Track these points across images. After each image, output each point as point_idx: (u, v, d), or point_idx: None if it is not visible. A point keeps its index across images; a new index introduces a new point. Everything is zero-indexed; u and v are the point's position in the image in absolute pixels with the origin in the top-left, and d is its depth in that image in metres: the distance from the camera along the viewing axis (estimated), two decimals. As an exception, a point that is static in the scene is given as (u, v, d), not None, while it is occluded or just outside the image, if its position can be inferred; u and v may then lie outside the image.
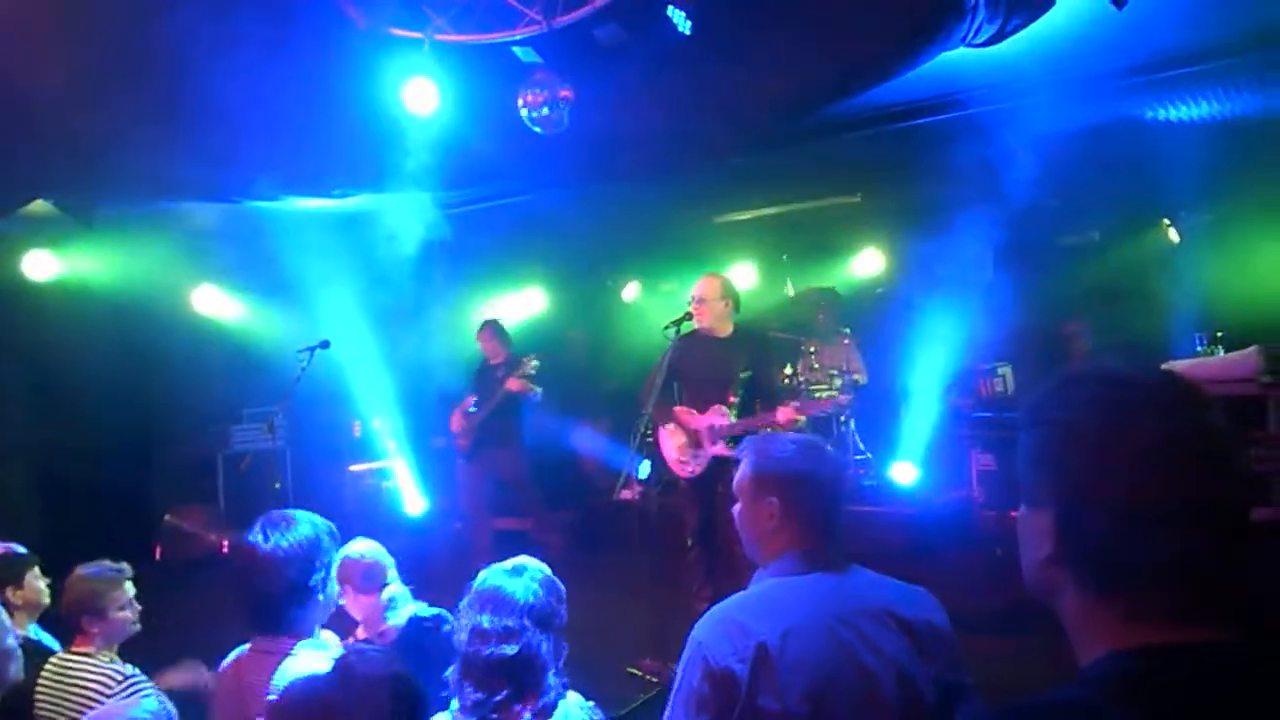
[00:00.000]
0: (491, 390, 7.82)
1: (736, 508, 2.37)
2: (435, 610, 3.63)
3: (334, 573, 2.67)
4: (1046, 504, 1.16)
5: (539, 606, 2.46)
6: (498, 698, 2.35)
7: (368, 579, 3.58)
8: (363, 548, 3.67)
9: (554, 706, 2.41)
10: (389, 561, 3.71)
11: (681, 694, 2.09)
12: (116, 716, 1.99)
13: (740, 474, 2.37)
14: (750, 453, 2.37)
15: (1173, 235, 8.54)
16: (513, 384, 7.61)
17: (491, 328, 8.26)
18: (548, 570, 2.63)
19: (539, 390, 7.76)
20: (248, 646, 2.59)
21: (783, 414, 5.36)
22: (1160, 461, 1.08)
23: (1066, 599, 1.16)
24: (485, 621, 2.41)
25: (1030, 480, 1.20)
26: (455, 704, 2.44)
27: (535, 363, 7.69)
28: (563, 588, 2.62)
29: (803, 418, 5.40)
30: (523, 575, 2.53)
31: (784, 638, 2.01)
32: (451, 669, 2.47)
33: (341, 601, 3.40)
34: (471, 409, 7.91)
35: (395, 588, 3.66)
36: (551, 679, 2.43)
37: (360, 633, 3.59)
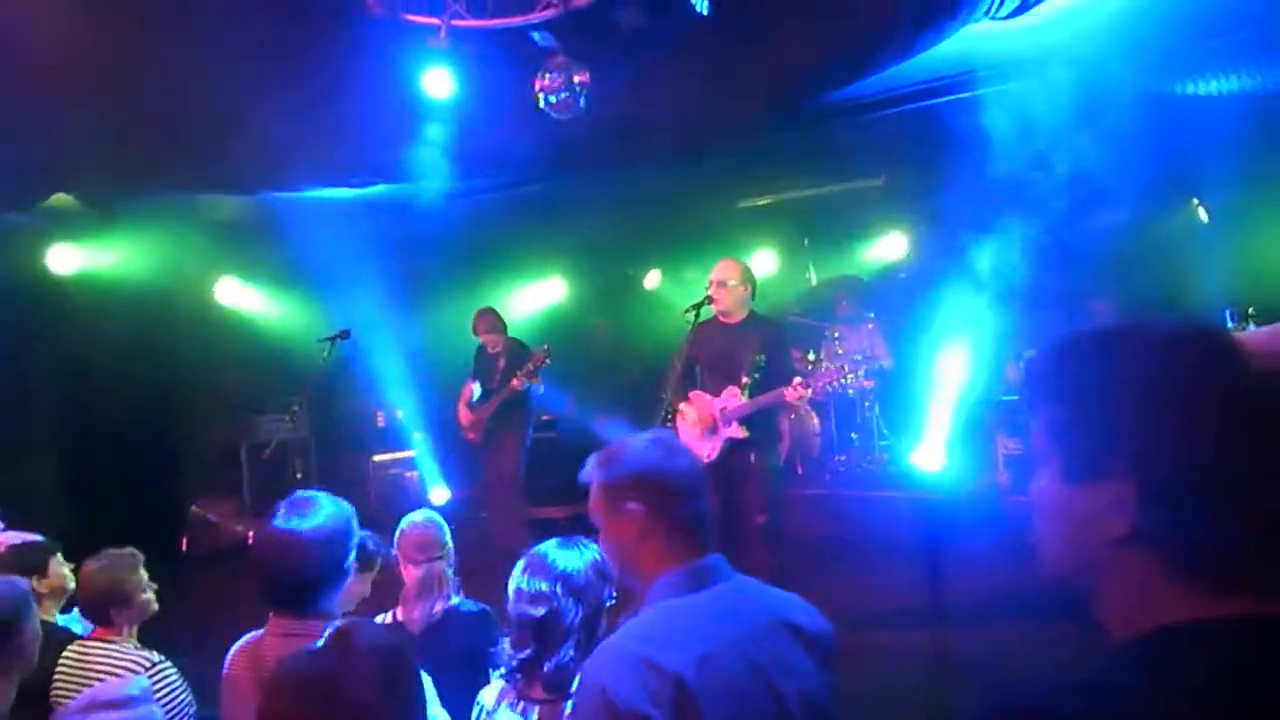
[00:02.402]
0: (492, 380, 7.78)
1: (601, 537, 2.11)
2: (477, 606, 3.52)
3: (353, 557, 2.64)
4: (1119, 475, 1.03)
5: (576, 577, 2.51)
6: (521, 655, 2.47)
7: (420, 550, 3.50)
8: (420, 517, 3.60)
9: (570, 675, 2.42)
10: (445, 538, 3.59)
11: None
12: (110, 694, 2.01)
13: (592, 493, 2.09)
14: (595, 467, 2.09)
15: (1202, 214, 8.39)
16: (516, 383, 7.54)
17: (488, 316, 8.00)
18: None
19: (540, 383, 7.71)
20: (262, 631, 2.56)
21: (790, 392, 5.30)
22: (1256, 419, 1.00)
23: (1121, 581, 1.06)
24: (524, 583, 2.53)
25: (1087, 449, 1.07)
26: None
27: (546, 360, 7.57)
28: (615, 573, 2.61)
29: (808, 392, 5.32)
30: (573, 548, 2.59)
31: (700, 667, 1.74)
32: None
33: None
34: (474, 400, 7.87)
35: (439, 569, 3.52)
36: (572, 649, 2.45)
37: (398, 612, 3.50)
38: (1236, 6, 5.26)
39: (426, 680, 2.56)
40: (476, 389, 7.96)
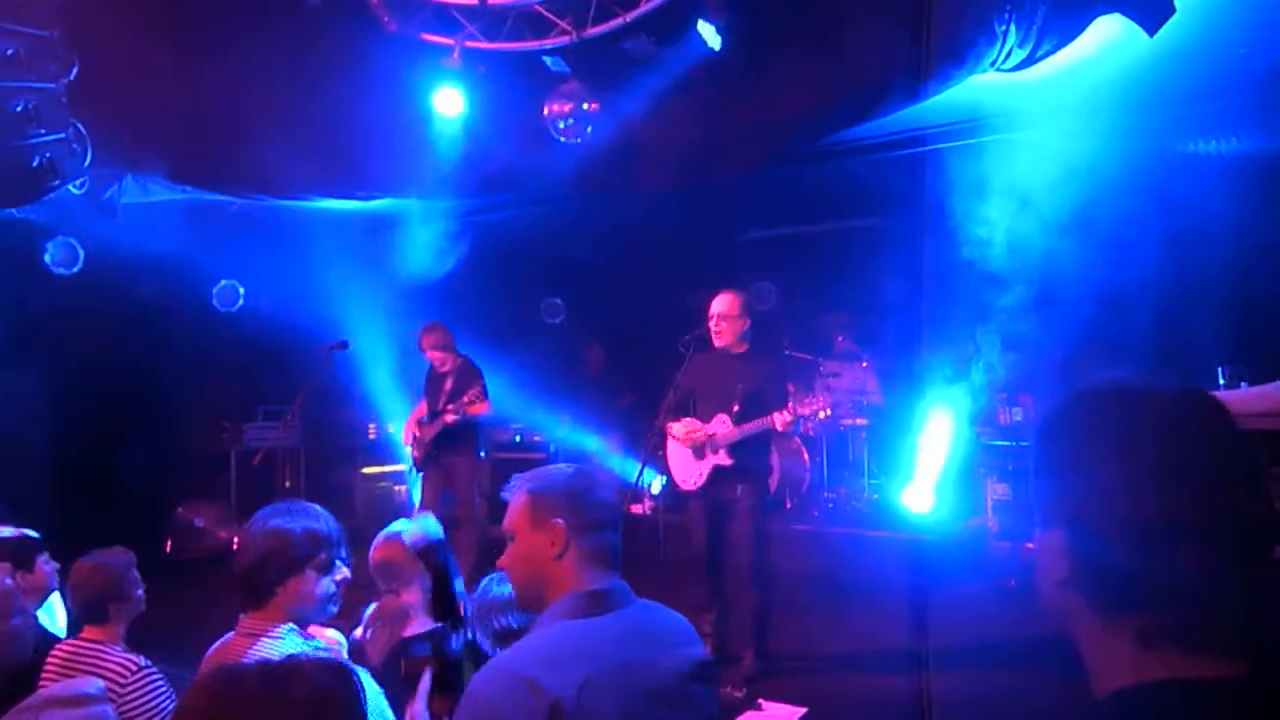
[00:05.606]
0: (437, 401, 7.38)
1: (508, 552, 2.09)
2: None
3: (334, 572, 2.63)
4: (1057, 523, 1.11)
5: None
6: None
7: (380, 577, 3.37)
8: (387, 533, 3.33)
9: None
10: (412, 559, 3.36)
11: None
12: (65, 691, 2.02)
13: (514, 506, 2.08)
14: (524, 482, 2.10)
15: (1195, 267, 8.43)
16: (449, 417, 7.17)
17: (434, 332, 7.45)
18: None
19: (487, 409, 7.30)
20: (233, 632, 2.58)
21: (779, 418, 5.30)
22: (1173, 476, 1.04)
23: (1080, 624, 1.11)
24: (514, 623, 2.46)
25: (1042, 500, 1.15)
26: None
27: (475, 398, 7.11)
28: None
29: (794, 417, 5.32)
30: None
31: (581, 691, 1.75)
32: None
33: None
34: (424, 420, 7.47)
35: (391, 603, 3.30)
36: None
37: (358, 632, 3.40)
38: (1235, 75, 5.35)
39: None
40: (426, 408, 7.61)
